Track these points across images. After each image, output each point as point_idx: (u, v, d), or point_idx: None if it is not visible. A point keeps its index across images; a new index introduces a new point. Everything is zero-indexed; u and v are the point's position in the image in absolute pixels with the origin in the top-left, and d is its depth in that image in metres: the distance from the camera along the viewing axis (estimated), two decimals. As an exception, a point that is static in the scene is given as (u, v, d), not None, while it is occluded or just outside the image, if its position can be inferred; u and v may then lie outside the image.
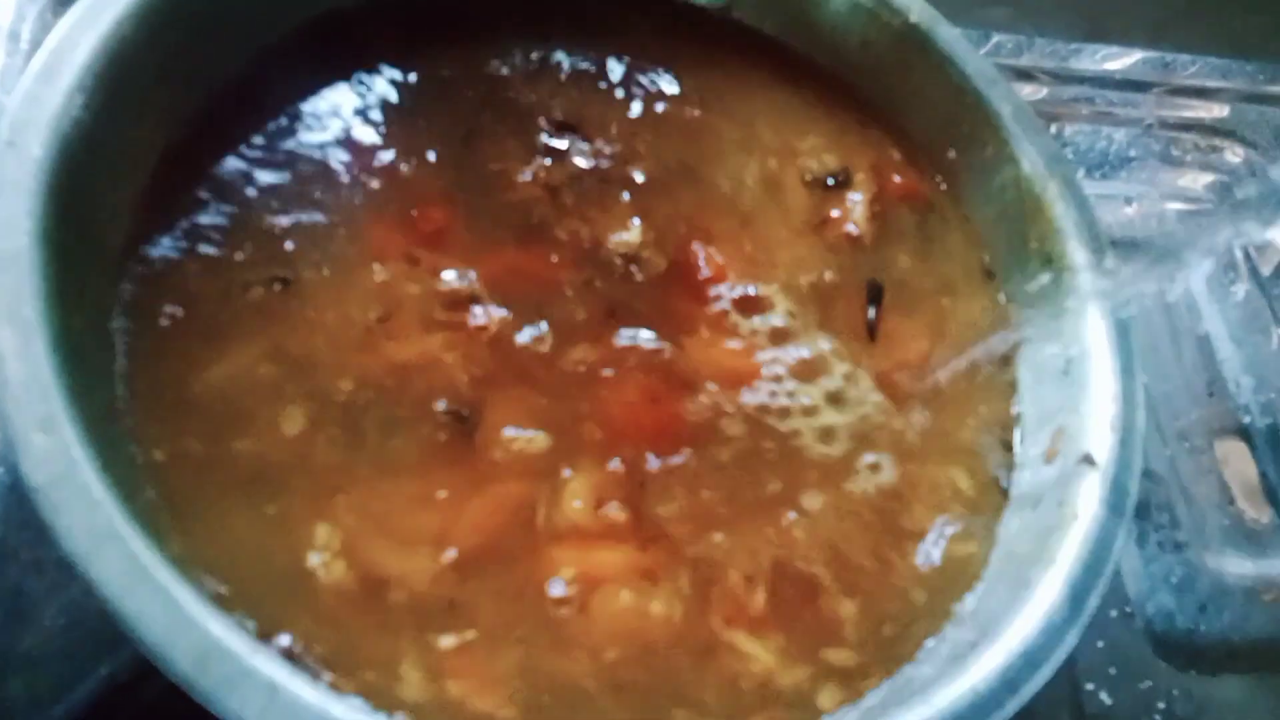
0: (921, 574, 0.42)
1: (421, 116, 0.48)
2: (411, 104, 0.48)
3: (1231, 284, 0.72)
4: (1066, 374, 0.46)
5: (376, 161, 0.46)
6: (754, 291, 0.47)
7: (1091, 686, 0.54)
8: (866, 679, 0.39)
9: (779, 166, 0.52)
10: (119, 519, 0.31)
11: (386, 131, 0.47)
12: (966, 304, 0.50)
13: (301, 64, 0.47)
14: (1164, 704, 0.54)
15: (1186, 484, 0.63)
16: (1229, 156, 0.78)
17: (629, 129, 0.50)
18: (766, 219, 0.50)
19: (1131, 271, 0.47)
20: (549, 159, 0.48)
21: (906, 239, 0.51)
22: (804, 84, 0.54)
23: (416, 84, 0.49)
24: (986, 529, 0.44)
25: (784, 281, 0.48)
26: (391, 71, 0.49)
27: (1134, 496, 0.41)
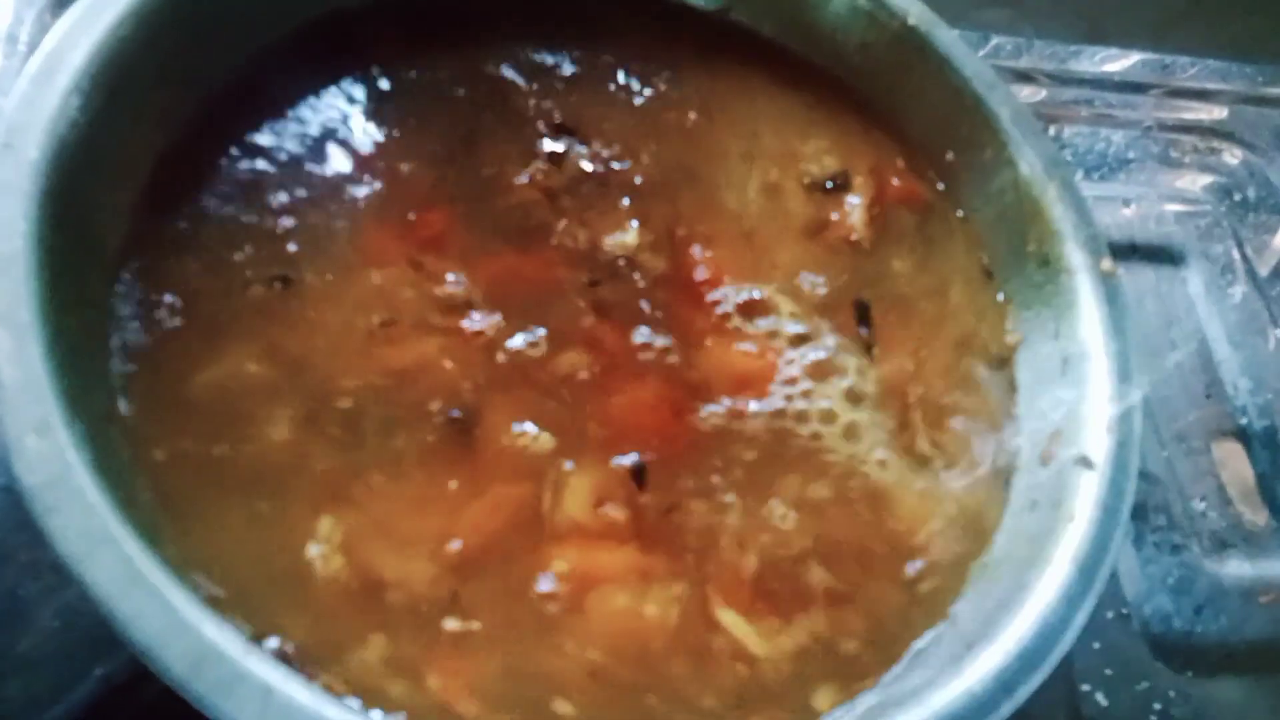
0: (920, 575, 0.42)
1: (421, 118, 0.48)
2: (411, 105, 0.48)
3: (1229, 285, 0.72)
4: (1064, 375, 0.46)
5: (375, 163, 0.46)
6: (753, 295, 0.47)
7: (1088, 688, 0.54)
8: (863, 680, 0.39)
9: (778, 170, 0.52)
10: (114, 521, 0.31)
11: (385, 133, 0.47)
12: (965, 306, 0.50)
13: (300, 65, 0.47)
14: (1161, 705, 0.54)
15: (1184, 486, 0.63)
16: (1227, 158, 0.78)
17: (628, 132, 0.50)
18: (765, 222, 0.50)
19: (1130, 273, 0.47)
20: (547, 162, 0.48)
21: (905, 242, 0.51)
22: (803, 87, 0.54)
23: (416, 85, 0.49)
24: (984, 531, 0.44)
25: (782, 285, 0.48)
26: (391, 72, 0.49)
27: (1131, 499, 0.41)
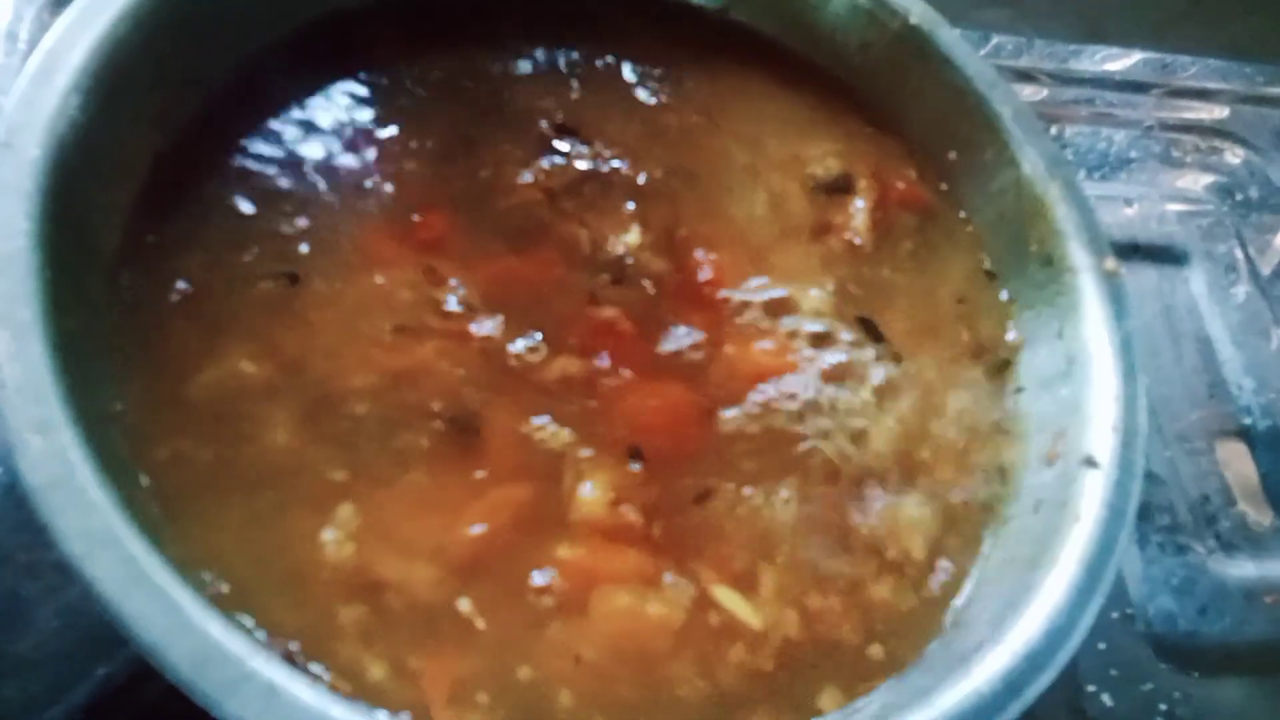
0: (926, 576, 0.42)
1: (421, 118, 0.48)
2: (412, 106, 0.48)
3: (1232, 285, 0.72)
4: (1068, 375, 0.45)
5: (376, 164, 0.46)
6: (756, 297, 0.47)
7: (1093, 688, 0.54)
8: (868, 680, 0.39)
9: (780, 172, 0.51)
10: (117, 521, 0.31)
11: (385, 133, 0.47)
12: (967, 306, 0.50)
13: (300, 65, 0.47)
14: (1165, 706, 0.54)
15: (1187, 486, 0.62)
16: (1229, 158, 0.78)
17: (630, 133, 0.50)
18: (768, 225, 0.50)
19: (1132, 273, 0.47)
20: (549, 162, 0.48)
21: (907, 244, 0.51)
22: (804, 88, 0.54)
23: (417, 85, 0.49)
24: (990, 531, 0.44)
25: (784, 287, 0.48)
26: (391, 72, 0.48)
27: (1137, 498, 0.41)
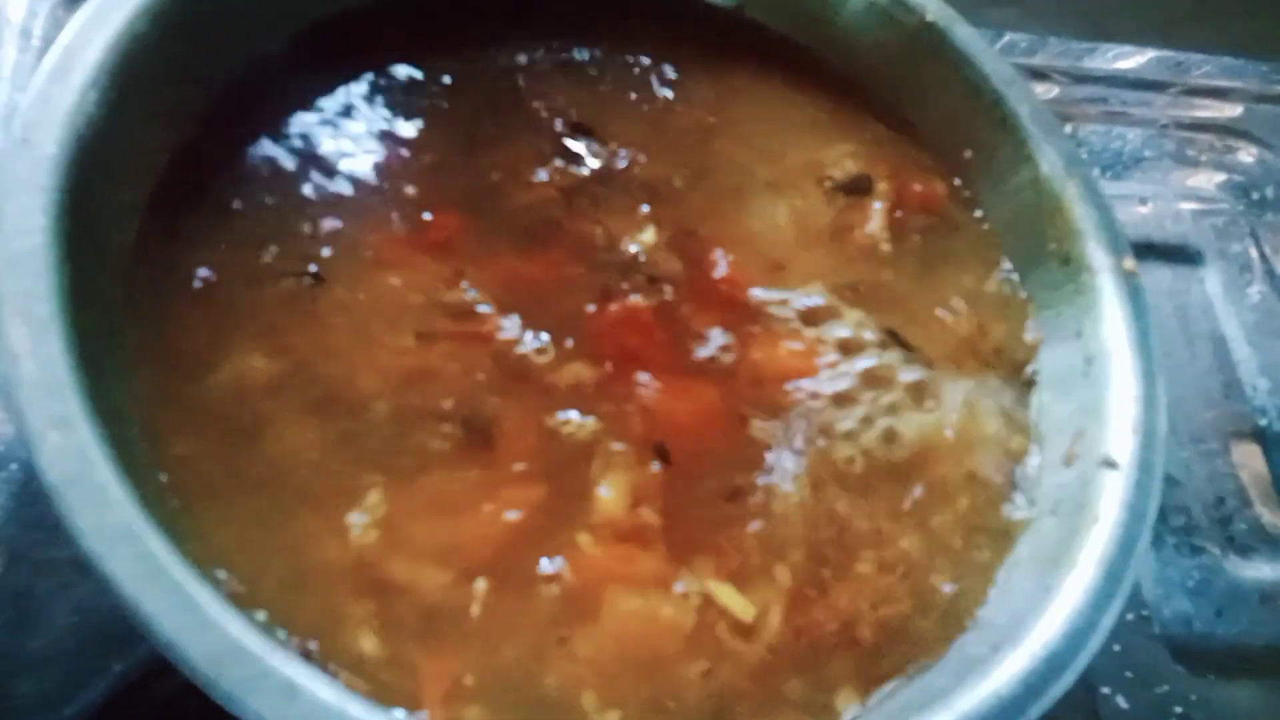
0: (945, 578, 0.42)
1: (434, 117, 0.47)
2: (424, 105, 0.48)
3: (1247, 285, 0.71)
4: (1086, 375, 0.45)
5: (389, 163, 0.45)
6: (777, 297, 0.47)
7: (1108, 690, 0.53)
8: (885, 681, 0.39)
9: (797, 173, 0.51)
10: (135, 517, 0.31)
11: (398, 133, 0.46)
12: (985, 306, 0.49)
13: (314, 64, 0.46)
14: (1181, 709, 0.54)
15: (1202, 487, 0.62)
16: (1243, 156, 0.77)
17: (644, 132, 0.50)
18: (785, 226, 0.49)
19: (1146, 273, 0.47)
20: (563, 161, 0.48)
21: (925, 244, 0.51)
22: (820, 87, 0.54)
23: (429, 84, 0.48)
24: (1009, 533, 0.43)
25: (804, 288, 0.47)
26: (403, 72, 0.48)
27: (1157, 500, 0.41)
